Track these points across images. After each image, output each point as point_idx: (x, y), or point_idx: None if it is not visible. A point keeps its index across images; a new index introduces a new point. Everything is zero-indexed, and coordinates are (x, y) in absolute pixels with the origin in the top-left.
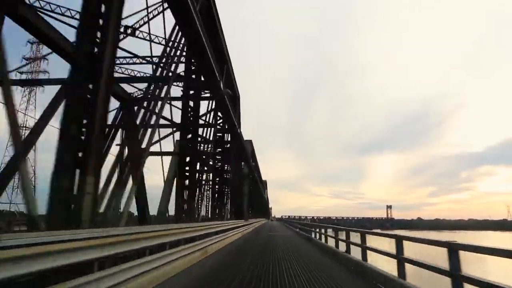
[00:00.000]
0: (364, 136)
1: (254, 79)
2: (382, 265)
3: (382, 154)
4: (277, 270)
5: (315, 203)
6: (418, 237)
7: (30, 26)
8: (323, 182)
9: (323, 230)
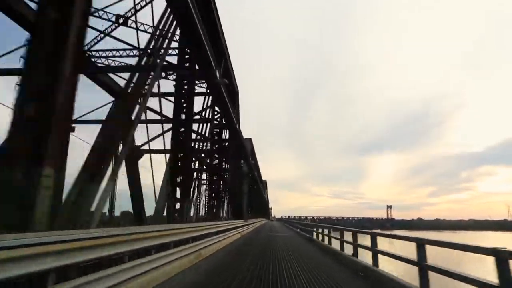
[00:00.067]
0: (364, 136)
1: (254, 79)
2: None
3: (382, 154)
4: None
5: (315, 203)
6: (445, 240)
7: None
8: (323, 182)
9: (326, 231)
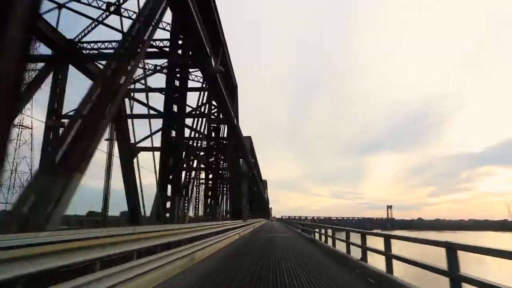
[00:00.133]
0: (364, 136)
1: (254, 79)
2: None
3: (382, 154)
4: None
5: (315, 203)
6: (482, 246)
7: None
8: (323, 182)
9: (330, 232)
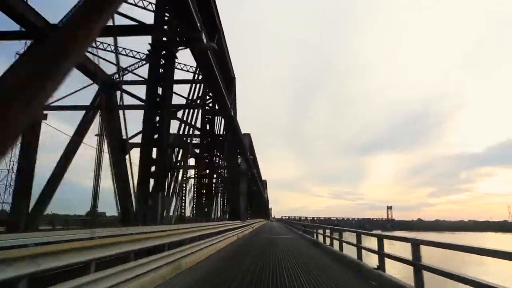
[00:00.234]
0: (364, 136)
1: (254, 79)
2: None
3: (382, 154)
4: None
5: (315, 204)
6: None
7: None
8: (323, 182)
9: (336, 235)
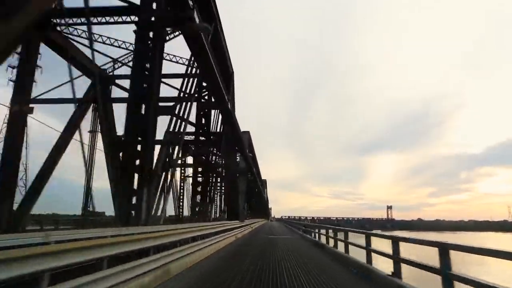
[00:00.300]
0: (364, 136)
1: (254, 79)
2: None
3: (382, 154)
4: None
5: (315, 204)
6: None
7: None
8: (323, 182)
9: (342, 236)
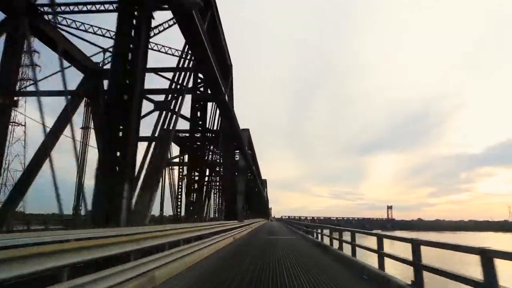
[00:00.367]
0: (364, 136)
1: (254, 79)
2: None
3: (382, 154)
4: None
5: (315, 204)
6: None
7: None
8: (323, 182)
9: (348, 237)
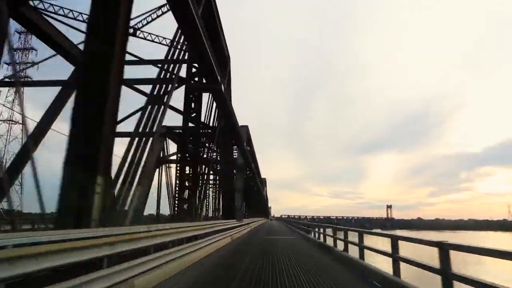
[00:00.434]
0: (364, 136)
1: (254, 79)
2: None
3: (382, 154)
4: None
5: (315, 203)
6: None
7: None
8: (323, 182)
9: (355, 238)
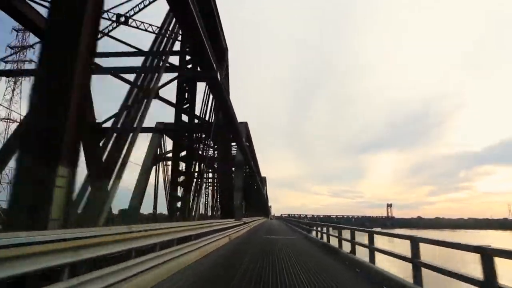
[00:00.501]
0: (364, 136)
1: (254, 79)
2: None
3: (382, 154)
4: None
5: (315, 202)
6: None
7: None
8: (323, 181)
9: (365, 239)
